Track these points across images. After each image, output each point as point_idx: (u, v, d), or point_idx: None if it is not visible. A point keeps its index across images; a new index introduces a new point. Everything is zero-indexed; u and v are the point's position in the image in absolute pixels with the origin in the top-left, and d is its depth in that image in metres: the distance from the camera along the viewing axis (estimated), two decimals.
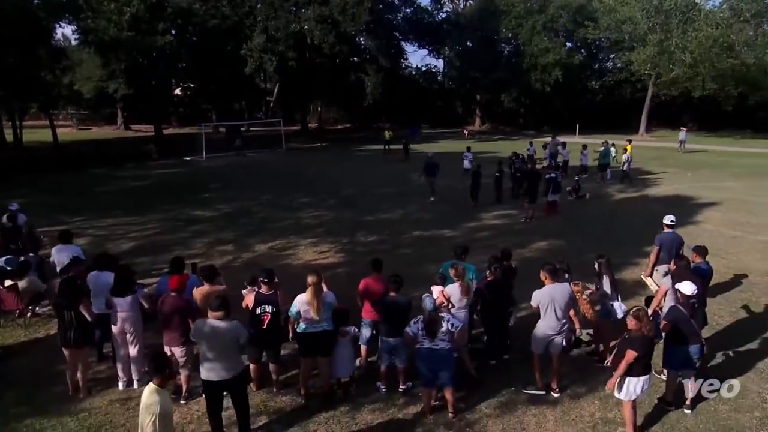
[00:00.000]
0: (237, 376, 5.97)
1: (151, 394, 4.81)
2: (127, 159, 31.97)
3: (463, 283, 7.35)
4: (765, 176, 25.67)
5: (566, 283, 7.31)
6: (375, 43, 52.03)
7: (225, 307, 5.87)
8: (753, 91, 50.01)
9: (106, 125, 59.99)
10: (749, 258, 12.89)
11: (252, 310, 6.84)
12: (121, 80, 39.26)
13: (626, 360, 5.83)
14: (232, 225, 16.41)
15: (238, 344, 5.91)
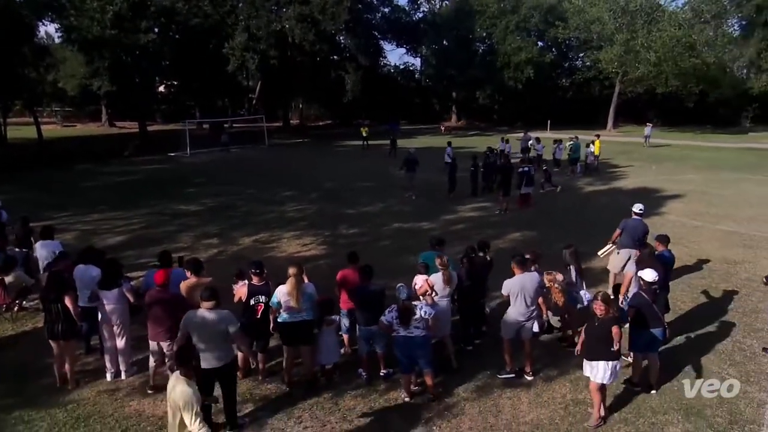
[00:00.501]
0: (227, 365, 5.95)
1: (178, 384, 4.77)
2: (112, 155, 31.39)
3: (446, 272, 7.39)
4: (724, 169, 26.22)
5: (535, 272, 7.38)
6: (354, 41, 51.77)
7: (215, 297, 5.85)
8: (713, 88, 51.03)
9: (90, 122, 58.79)
10: (709, 246, 13.17)
11: (246, 301, 6.85)
12: (104, 78, 38.50)
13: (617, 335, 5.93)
14: (217, 219, 16.26)
15: (228, 333, 5.88)
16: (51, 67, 44.16)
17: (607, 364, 5.98)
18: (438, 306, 6.97)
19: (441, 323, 7.18)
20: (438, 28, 56.89)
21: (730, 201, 18.50)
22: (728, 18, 46.27)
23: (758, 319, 8.90)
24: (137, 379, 7.13)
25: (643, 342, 6.77)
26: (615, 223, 10.28)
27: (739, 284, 10.64)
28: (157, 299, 6.62)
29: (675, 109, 54.96)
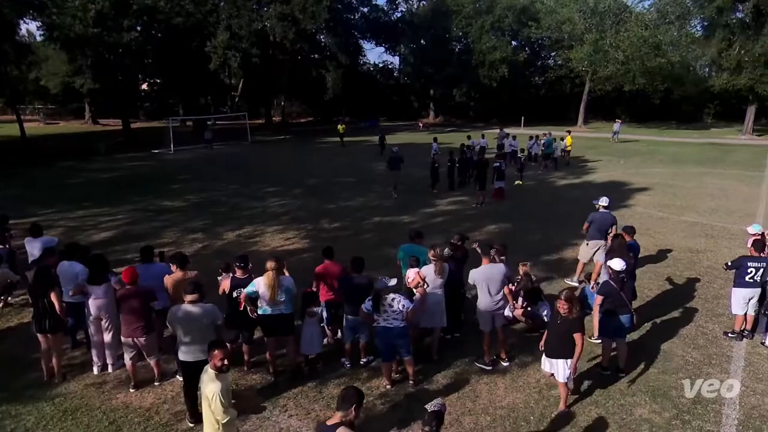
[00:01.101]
0: None
1: (212, 377, 4.68)
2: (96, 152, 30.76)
3: (439, 264, 7.35)
4: (687, 163, 26.74)
5: (501, 264, 7.37)
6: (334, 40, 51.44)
7: (198, 290, 5.81)
8: (677, 86, 51.95)
9: (73, 120, 57.58)
10: (674, 236, 13.44)
11: (229, 293, 6.85)
12: (87, 76, 37.72)
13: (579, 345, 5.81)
14: (202, 214, 16.08)
15: (214, 326, 5.85)
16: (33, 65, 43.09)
17: (566, 362, 5.92)
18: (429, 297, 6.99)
19: (435, 314, 7.21)
20: (415, 28, 56.89)
21: (693, 193, 18.88)
22: (691, 19, 46.99)
23: (719, 304, 9.11)
24: (124, 372, 7.03)
25: (611, 328, 6.89)
26: (586, 215, 10.42)
27: (702, 272, 10.88)
28: (128, 296, 6.49)
29: (642, 106, 55.89)
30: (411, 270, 7.40)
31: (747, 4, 39.81)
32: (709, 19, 43.85)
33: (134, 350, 6.63)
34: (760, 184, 19.98)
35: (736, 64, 40.76)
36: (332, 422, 3.94)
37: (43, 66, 48.62)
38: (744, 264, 7.73)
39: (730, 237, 13.29)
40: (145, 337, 6.53)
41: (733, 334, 7.99)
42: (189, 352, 5.77)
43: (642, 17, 46.82)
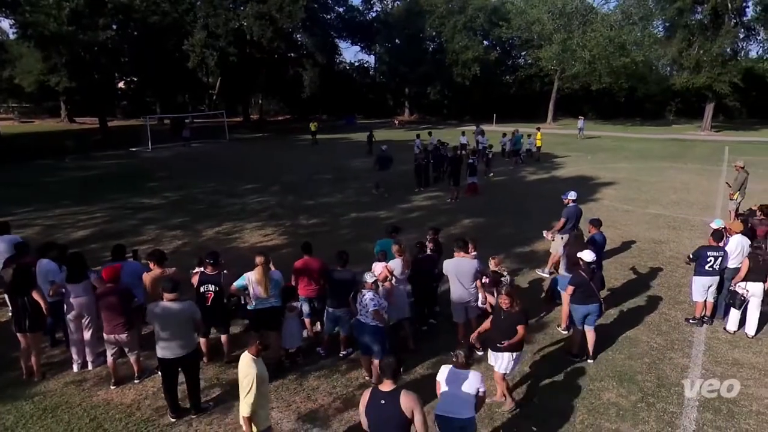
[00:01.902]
0: (191, 353, 5.88)
1: (249, 362, 4.75)
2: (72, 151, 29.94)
3: (405, 258, 7.49)
4: (651, 158, 27.32)
5: (470, 257, 7.43)
6: (311, 39, 51.15)
7: (177, 288, 5.75)
8: (641, 84, 52.95)
9: (49, 118, 55.99)
10: (638, 228, 13.73)
11: (196, 288, 6.81)
12: (62, 74, 36.73)
13: (520, 335, 5.78)
14: (180, 212, 15.84)
15: (192, 323, 5.79)
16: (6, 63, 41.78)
17: (511, 355, 5.93)
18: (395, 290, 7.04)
19: (399, 306, 7.26)
20: (390, 27, 56.81)
21: (656, 187, 19.30)
22: (654, 20, 47.93)
23: (681, 292, 9.35)
24: (104, 369, 6.90)
25: (581, 316, 7.02)
26: (556, 208, 10.57)
27: (665, 262, 11.15)
28: (108, 293, 6.40)
29: (608, 104, 56.89)
30: (378, 264, 7.45)
31: (705, 6, 40.79)
32: (671, 20, 44.88)
33: (116, 347, 6.53)
34: (718, 178, 20.52)
35: (696, 64, 41.75)
36: (388, 388, 4.20)
37: (17, 64, 47.18)
38: (704, 254, 7.95)
39: (691, 228, 13.64)
40: (126, 334, 6.44)
41: (694, 320, 8.22)
42: (167, 349, 5.71)
43: (607, 18, 47.56)
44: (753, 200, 12.25)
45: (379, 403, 4.17)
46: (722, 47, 40.60)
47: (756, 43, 46.58)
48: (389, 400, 4.13)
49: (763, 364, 7.06)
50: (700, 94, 44.46)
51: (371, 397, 4.25)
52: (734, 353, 7.35)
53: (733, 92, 43.48)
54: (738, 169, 13.54)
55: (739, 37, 42.70)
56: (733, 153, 28.08)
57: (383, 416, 4.15)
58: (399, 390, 4.20)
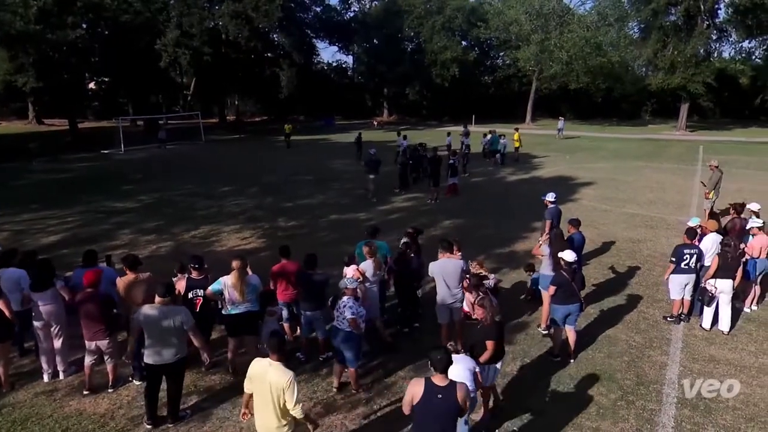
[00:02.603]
0: (180, 360, 5.76)
1: (274, 370, 4.54)
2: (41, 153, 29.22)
3: (376, 259, 7.50)
4: (628, 158, 27.84)
5: (457, 258, 7.46)
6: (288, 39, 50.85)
7: (171, 293, 5.69)
8: (617, 85, 53.95)
9: (16, 119, 54.57)
10: (617, 228, 13.97)
11: (184, 294, 6.73)
12: (30, 74, 35.84)
13: (488, 352, 5.64)
14: (155, 215, 15.59)
15: (183, 329, 5.67)
16: None
17: (490, 367, 5.86)
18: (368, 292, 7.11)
19: (372, 307, 7.27)
20: (368, 27, 56.90)
21: (633, 186, 19.66)
22: (629, 21, 48.93)
23: (659, 291, 9.53)
24: (76, 378, 6.76)
25: (562, 316, 7.10)
26: (535, 208, 10.70)
27: (642, 260, 11.36)
28: (89, 299, 6.29)
29: (585, 104, 57.82)
30: (349, 268, 7.47)
31: (679, 7, 41.77)
32: (645, 21, 45.85)
33: (96, 354, 6.43)
34: (693, 177, 21.01)
35: (670, 64, 42.71)
36: (443, 383, 4.23)
37: None
38: (680, 252, 8.12)
39: (668, 227, 13.92)
40: (107, 340, 6.33)
41: (672, 318, 8.39)
42: (156, 355, 5.61)
43: (584, 19, 48.42)
44: (727, 199, 12.56)
45: (435, 397, 4.21)
46: (695, 48, 41.62)
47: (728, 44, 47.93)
48: (446, 394, 4.19)
49: (739, 360, 7.24)
50: (674, 94, 45.49)
51: (426, 391, 4.24)
52: (710, 350, 7.52)
53: (707, 93, 44.63)
54: (712, 169, 13.88)
55: (711, 38, 43.84)
56: (707, 152, 28.78)
57: (440, 411, 4.22)
58: (454, 384, 4.27)
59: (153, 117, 41.94)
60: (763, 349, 7.53)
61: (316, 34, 58.05)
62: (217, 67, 43.70)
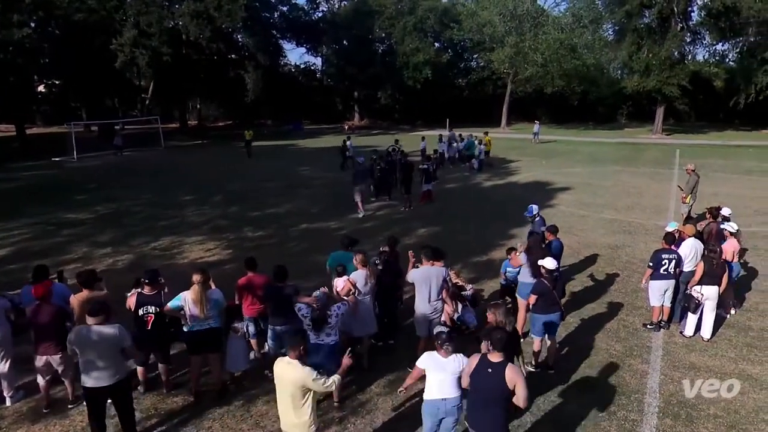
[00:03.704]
0: (120, 382, 5.59)
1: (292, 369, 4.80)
2: None
3: (369, 268, 7.43)
4: (605, 162, 28.47)
5: (440, 266, 7.48)
6: (253, 40, 50.60)
7: (103, 311, 5.48)
8: (593, 88, 55.21)
9: None
10: (595, 234, 14.24)
11: (134, 311, 6.51)
12: None
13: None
14: (112, 226, 15.24)
15: (120, 349, 5.53)
16: None
17: None
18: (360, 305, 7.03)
19: (365, 321, 7.23)
20: (337, 28, 56.98)
21: (611, 191, 20.10)
22: (603, 23, 50.24)
23: (638, 297, 9.74)
24: (25, 404, 6.53)
25: (541, 326, 7.17)
26: (512, 215, 10.84)
27: (621, 267, 11.60)
28: (40, 312, 6.16)
29: (561, 108, 58.96)
30: (340, 279, 7.39)
31: (652, 10, 43.10)
32: (620, 23, 47.15)
33: (49, 373, 6.29)
34: (670, 181, 21.61)
35: (645, 67, 43.94)
36: (497, 359, 4.72)
37: None
38: (659, 257, 8.33)
39: (646, 232, 14.26)
40: (60, 354, 6.19)
41: (651, 325, 8.57)
42: (93, 377, 5.44)
43: (558, 21, 49.48)
44: (704, 203, 12.95)
45: (486, 371, 4.70)
46: (669, 50, 42.94)
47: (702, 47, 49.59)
48: (496, 370, 4.65)
49: (719, 367, 7.43)
50: (650, 97, 46.76)
51: (479, 363, 4.78)
52: (691, 357, 7.71)
53: (682, 96, 46.01)
54: (689, 173, 14.30)
55: (685, 40, 45.27)
56: (683, 156, 29.65)
57: (487, 384, 4.70)
58: (506, 363, 4.71)
59: (108, 122, 41.04)
60: (742, 356, 7.76)
61: (282, 34, 57.91)
62: (177, 68, 43.14)
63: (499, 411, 4.74)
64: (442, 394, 5.11)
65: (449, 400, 5.11)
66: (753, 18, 40.57)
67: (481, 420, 4.80)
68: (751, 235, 13.65)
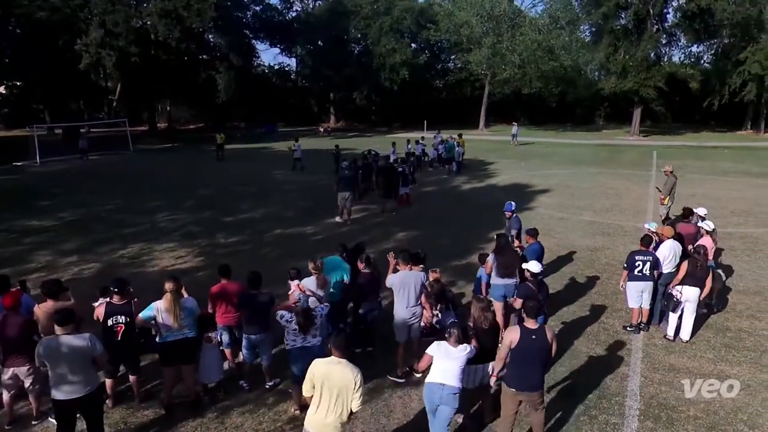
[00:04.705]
0: (91, 394, 5.48)
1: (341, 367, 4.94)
2: None
3: (320, 276, 7.37)
4: (583, 164, 28.93)
5: (418, 271, 7.51)
6: (225, 40, 50.22)
7: (72, 320, 5.36)
8: (571, 89, 56.14)
9: None
10: (574, 236, 14.45)
11: (103, 321, 6.39)
12: None
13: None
14: (78, 234, 14.92)
15: (91, 359, 5.42)
16: None
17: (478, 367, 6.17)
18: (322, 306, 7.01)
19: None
20: (312, 28, 56.93)
21: (589, 193, 20.43)
22: (581, 24, 51.16)
23: (618, 300, 9.90)
24: None
25: None
26: (492, 218, 10.92)
27: (601, 269, 11.79)
28: (8, 324, 6.05)
29: (539, 109, 59.84)
30: (291, 283, 7.40)
31: (628, 11, 44.05)
32: (597, 25, 48.08)
33: (14, 386, 6.16)
34: (648, 183, 22.04)
35: (622, 68, 44.88)
36: (534, 326, 5.60)
37: None
38: (632, 259, 8.53)
39: (625, 234, 14.52)
40: (28, 366, 6.07)
41: (631, 328, 8.72)
42: (63, 389, 5.32)
43: (535, 22, 50.21)
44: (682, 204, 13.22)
45: (530, 338, 5.51)
46: (645, 51, 43.92)
47: (677, 48, 50.90)
48: (539, 334, 5.55)
49: (698, 368, 7.59)
50: (627, 98, 47.74)
51: (522, 335, 5.52)
52: (670, 359, 7.86)
53: (659, 97, 47.08)
54: (667, 174, 14.61)
55: (661, 42, 46.39)
56: (661, 157, 30.31)
57: (535, 347, 5.52)
58: (543, 326, 5.69)
59: (73, 124, 40.27)
60: (721, 356, 7.94)
61: (255, 34, 57.65)
62: (146, 69, 42.65)
63: (543, 368, 5.71)
64: (442, 380, 5.49)
65: (447, 387, 5.46)
66: (727, 20, 41.84)
67: (534, 378, 5.61)
68: (728, 236, 14.02)
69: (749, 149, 37.01)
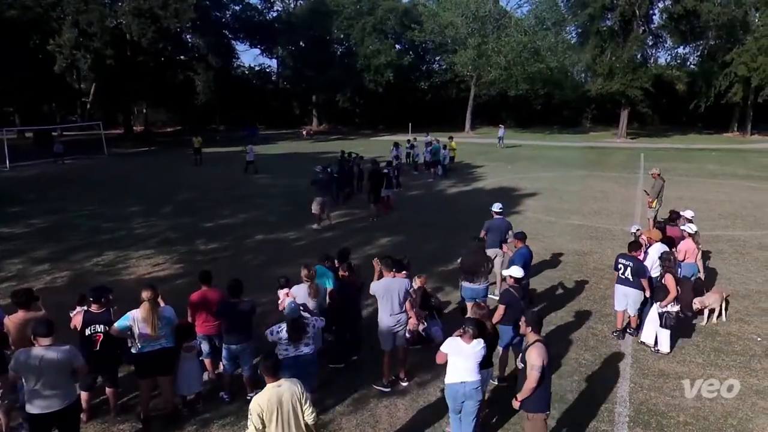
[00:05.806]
0: (69, 406, 5.39)
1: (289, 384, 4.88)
2: None
3: (312, 285, 7.34)
4: (570, 167, 29.22)
5: (402, 277, 7.49)
6: (203, 40, 49.94)
7: (52, 331, 5.29)
8: (557, 91, 56.76)
9: None
10: (562, 240, 14.56)
11: (81, 331, 6.31)
12: None
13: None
14: (50, 241, 14.70)
15: (71, 370, 5.34)
16: None
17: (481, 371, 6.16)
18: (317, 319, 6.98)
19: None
20: (293, 28, 56.86)
21: (577, 196, 20.63)
22: (567, 25, 51.81)
23: (606, 305, 9.98)
24: None
25: (509, 338, 7.25)
26: (478, 222, 10.95)
27: (589, 273, 11.89)
28: None
29: (525, 111, 60.40)
30: (281, 291, 7.36)
31: (615, 12, 44.67)
32: (583, 26, 48.78)
33: None
34: (635, 186, 22.32)
35: (609, 70, 45.46)
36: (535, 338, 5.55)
37: None
38: (617, 261, 8.72)
39: (613, 238, 14.67)
40: None
41: (616, 333, 8.80)
42: (41, 402, 5.22)
43: (521, 23, 50.70)
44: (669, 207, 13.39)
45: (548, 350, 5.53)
46: (632, 53, 44.57)
47: (664, 50, 51.74)
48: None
49: (687, 373, 7.68)
50: (614, 100, 48.38)
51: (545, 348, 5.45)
52: (660, 364, 7.94)
53: (645, 99, 47.79)
54: (655, 177, 14.79)
55: (647, 43, 47.13)
56: (648, 160, 30.71)
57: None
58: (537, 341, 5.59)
59: (45, 128, 39.70)
60: (710, 361, 8.04)
61: (234, 35, 57.42)
62: (121, 70, 42.13)
63: None
64: (461, 378, 5.62)
65: (468, 383, 5.61)
66: (712, 21, 42.62)
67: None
68: (716, 238, 14.23)
69: (736, 151, 37.68)
